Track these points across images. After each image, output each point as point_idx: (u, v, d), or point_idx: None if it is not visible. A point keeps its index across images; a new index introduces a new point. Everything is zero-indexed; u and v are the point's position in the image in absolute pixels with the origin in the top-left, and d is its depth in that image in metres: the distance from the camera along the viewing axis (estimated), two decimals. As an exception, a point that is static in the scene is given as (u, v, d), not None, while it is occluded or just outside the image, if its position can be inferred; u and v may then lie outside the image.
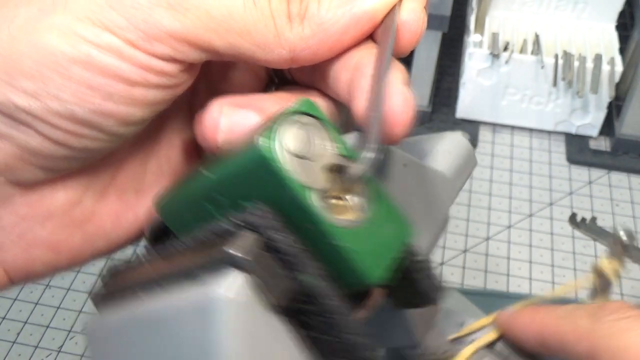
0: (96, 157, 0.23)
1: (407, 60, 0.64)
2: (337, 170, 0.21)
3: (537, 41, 0.68)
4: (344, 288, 0.21)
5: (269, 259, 0.20)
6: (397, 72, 0.22)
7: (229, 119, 0.22)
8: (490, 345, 0.32)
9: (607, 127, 0.70)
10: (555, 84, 0.67)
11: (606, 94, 0.66)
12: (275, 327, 0.20)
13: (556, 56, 0.67)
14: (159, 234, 0.25)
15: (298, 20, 0.22)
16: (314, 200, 0.20)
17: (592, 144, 0.71)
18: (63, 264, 0.25)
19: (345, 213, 0.21)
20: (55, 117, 0.21)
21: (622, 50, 0.68)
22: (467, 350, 0.32)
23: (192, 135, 0.26)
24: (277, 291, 0.20)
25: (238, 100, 0.23)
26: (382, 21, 0.22)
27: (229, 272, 0.19)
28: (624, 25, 0.73)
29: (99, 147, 0.22)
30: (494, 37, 0.69)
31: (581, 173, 0.69)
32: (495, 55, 0.67)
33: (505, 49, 0.68)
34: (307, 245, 0.20)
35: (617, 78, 0.66)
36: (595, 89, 0.65)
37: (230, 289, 0.19)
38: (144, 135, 0.24)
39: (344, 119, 0.25)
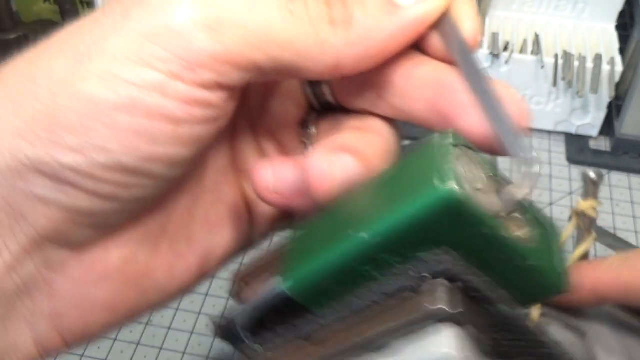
0: (145, 205, 0.22)
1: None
2: (500, 192, 0.20)
3: (537, 41, 0.68)
4: (524, 304, 0.21)
5: (468, 303, 0.19)
6: (493, 79, 0.21)
7: (337, 167, 0.21)
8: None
9: (607, 127, 0.70)
10: (555, 84, 0.67)
11: (606, 94, 0.66)
12: None
13: (556, 56, 0.66)
14: (259, 320, 0.24)
15: (343, 26, 0.21)
16: (505, 230, 0.19)
17: (592, 144, 0.71)
18: (119, 322, 0.24)
19: (518, 231, 0.20)
20: (102, 171, 0.20)
21: (622, 50, 0.68)
22: (533, 319, 0.33)
23: (235, 177, 0.25)
24: (481, 332, 0.19)
25: (329, 145, 0.22)
26: (431, 28, 0.22)
27: (442, 328, 0.18)
28: (624, 25, 0.73)
29: (147, 194, 0.21)
30: (494, 37, 0.69)
31: (581, 173, 0.69)
32: (495, 55, 0.67)
33: (505, 49, 0.68)
34: (490, 274, 0.19)
35: (617, 78, 0.66)
36: (595, 89, 0.65)
37: (453, 346, 0.18)
38: (188, 180, 0.23)
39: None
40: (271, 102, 0.25)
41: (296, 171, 0.22)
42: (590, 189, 0.42)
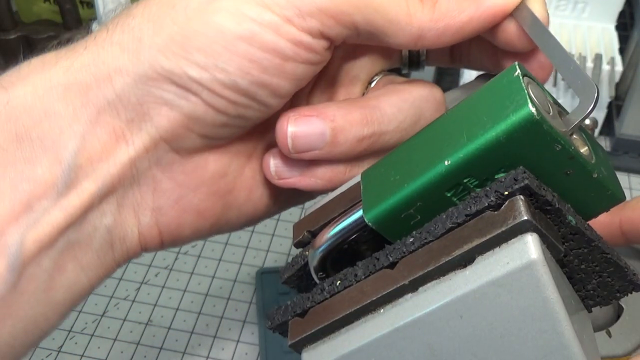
0: (243, 128, 0.26)
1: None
2: (563, 116, 0.23)
3: (537, 41, 0.68)
4: (587, 216, 0.23)
5: (543, 216, 0.21)
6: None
7: (301, 127, 0.26)
8: None
9: (607, 127, 0.70)
10: (555, 83, 0.67)
11: (606, 94, 0.66)
12: (560, 272, 0.22)
13: (556, 56, 0.66)
14: (334, 260, 0.26)
15: (430, 5, 0.25)
16: (574, 147, 0.22)
17: (592, 144, 0.71)
18: (205, 232, 0.29)
19: (581, 149, 0.23)
20: (220, 87, 0.24)
21: (622, 50, 0.68)
22: None
23: None
24: (553, 239, 0.21)
25: (301, 110, 0.27)
26: (508, 15, 0.25)
27: (526, 238, 0.20)
28: (624, 25, 0.73)
29: (250, 116, 0.26)
30: (494, 37, 0.69)
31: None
32: (495, 55, 0.67)
33: (505, 49, 0.68)
34: (558, 189, 0.22)
35: (617, 78, 0.66)
36: (595, 89, 0.65)
37: (538, 252, 0.20)
38: (275, 119, 0.27)
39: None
40: (362, 54, 0.29)
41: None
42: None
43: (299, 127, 0.26)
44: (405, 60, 0.30)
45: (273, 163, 0.27)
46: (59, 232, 0.24)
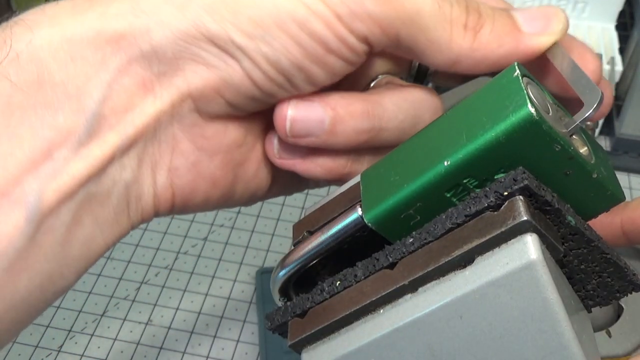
0: (267, 105, 0.26)
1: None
2: (562, 117, 0.23)
3: (537, 41, 0.68)
4: (586, 216, 0.23)
5: (543, 217, 0.21)
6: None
7: (300, 111, 0.26)
8: None
9: (607, 127, 0.70)
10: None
11: (606, 94, 0.66)
12: (560, 272, 0.22)
13: (556, 56, 0.66)
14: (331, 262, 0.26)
15: (472, 33, 0.25)
16: (573, 147, 0.22)
17: (592, 144, 0.71)
18: (213, 202, 0.29)
19: (581, 149, 0.22)
20: (262, 59, 0.24)
21: (622, 50, 0.68)
22: None
23: None
24: (553, 240, 0.21)
25: (305, 97, 0.27)
26: (544, 53, 0.25)
27: (525, 238, 0.20)
28: (624, 25, 0.73)
29: (280, 95, 0.26)
30: (494, 37, 0.69)
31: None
32: (495, 55, 0.67)
33: (505, 49, 0.68)
34: (557, 189, 0.22)
35: (617, 78, 0.66)
36: (595, 89, 0.65)
37: (537, 252, 0.20)
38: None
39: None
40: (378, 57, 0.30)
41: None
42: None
43: (299, 112, 0.26)
44: (413, 72, 0.30)
45: (276, 142, 0.28)
46: (80, 184, 0.23)
